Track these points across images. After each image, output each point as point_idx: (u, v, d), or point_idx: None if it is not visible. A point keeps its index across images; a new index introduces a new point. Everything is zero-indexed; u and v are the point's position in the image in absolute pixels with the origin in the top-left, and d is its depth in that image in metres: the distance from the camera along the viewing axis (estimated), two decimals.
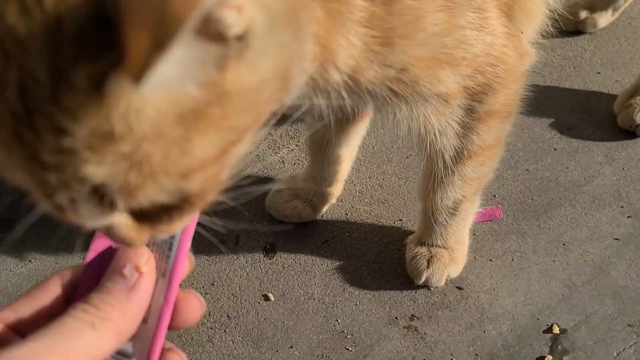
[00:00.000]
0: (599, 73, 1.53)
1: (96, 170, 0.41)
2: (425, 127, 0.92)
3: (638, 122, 1.39)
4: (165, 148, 0.43)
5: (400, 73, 0.81)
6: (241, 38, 0.42)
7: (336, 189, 1.31)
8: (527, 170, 1.37)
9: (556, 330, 1.14)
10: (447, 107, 0.90)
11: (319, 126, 1.18)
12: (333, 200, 1.33)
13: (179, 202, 0.50)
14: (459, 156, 0.99)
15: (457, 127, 0.94)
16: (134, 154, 0.42)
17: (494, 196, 1.33)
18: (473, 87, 0.88)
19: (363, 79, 0.79)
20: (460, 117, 0.92)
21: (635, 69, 1.53)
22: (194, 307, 0.58)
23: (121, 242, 0.52)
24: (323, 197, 1.30)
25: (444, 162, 0.99)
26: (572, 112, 1.47)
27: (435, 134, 0.94)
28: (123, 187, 0.44)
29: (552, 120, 1.45)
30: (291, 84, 0.53)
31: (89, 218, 0.46)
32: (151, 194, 0.46)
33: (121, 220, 0.50)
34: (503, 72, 0.89)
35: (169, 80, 0.40)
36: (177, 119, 0.42)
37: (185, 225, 0.68)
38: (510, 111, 0.99)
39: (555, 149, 1.40)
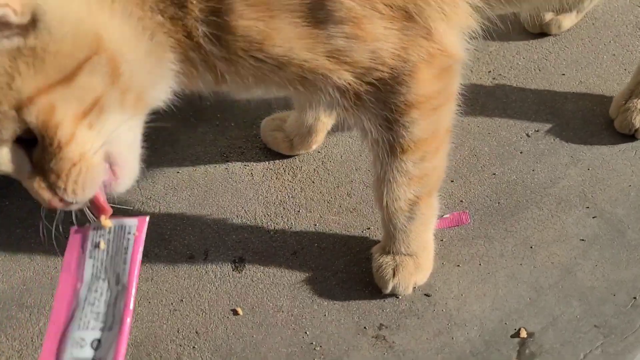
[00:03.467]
0: (563, 74, 1.54)
1: None
2: (346, 120, 1.00)
3: (637, 126, 1.37)
4: None
5: (281, 74, 0.90)
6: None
7: (317, 138, 1.40)
8: (494, 174, 1.38)
9: (524, 334, 1.15)
10: (359, 102, 0.95)
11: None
12: (313, 147, 1.42)
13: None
14: (393, 150, 1.03)
15: (381, 121, 0.99)
16: None
17: (461, 201, 1.34)
18: (374, 80, 0.93)
19: (244, 74, 0.90)
20: (380, 110, 0.97)
21: (600, 69, 1.54)
22: None
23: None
24: (303, 141, 1.41)
25: (383, 156, 1.04)
26: (537, 114, 1.48)
27: (361, 128, 1.00)
28: None
29: (518, 123, 1.46)
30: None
31: None
32: None
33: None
34: (407, 68, 0.93)
35: None
36: None
37: (136, 238, 0.75)
38: (436, 106, 1.00)
39: (521, 152, 1.41)
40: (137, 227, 0.77)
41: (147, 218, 0.79)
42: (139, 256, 0.76)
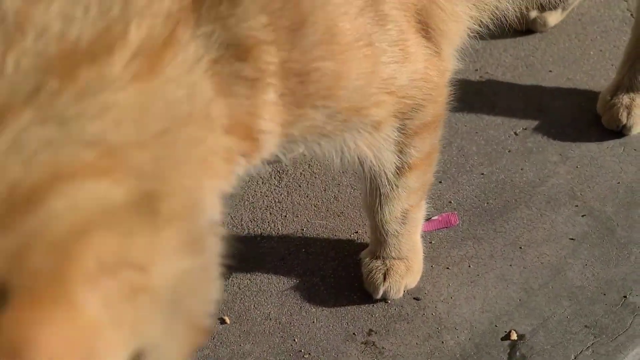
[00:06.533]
0: (550, 71, 1.53)
1: None
2: (359, 157, 0.94)
3: (624, 122, 1.36)
4: None
5: (328, 122, 0.83)
6: None
7: None
8: (482, 173, 1.36)
9: (514, 336, 1.14)
10: (378, 134, 0.91)
11: None
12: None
13: None
14: (401, 171, 1.00)
15: (393, 147, 0.96)
16: None
17: (450, 202, 1.32)
18: (402, 111, 0.90)
19: (296, 134, 0.82)
20: (395, 137, 0.94)
21: (587, 66, 1.53)
22: None
23: None
24: None
25: (388, 179, 1.01)
26: (525, 112, 1.46)
27: (372, 160, 0.96)
28: None
29: (506, 121, 1.45)
30: None
31: None
32: None
33: None
34: (429, 90, 0.91)
35: None
36: None
37: None
38: (441, 119, 1.01)
39: (509, 151, 1.40)
40: None
41: None
42: None
